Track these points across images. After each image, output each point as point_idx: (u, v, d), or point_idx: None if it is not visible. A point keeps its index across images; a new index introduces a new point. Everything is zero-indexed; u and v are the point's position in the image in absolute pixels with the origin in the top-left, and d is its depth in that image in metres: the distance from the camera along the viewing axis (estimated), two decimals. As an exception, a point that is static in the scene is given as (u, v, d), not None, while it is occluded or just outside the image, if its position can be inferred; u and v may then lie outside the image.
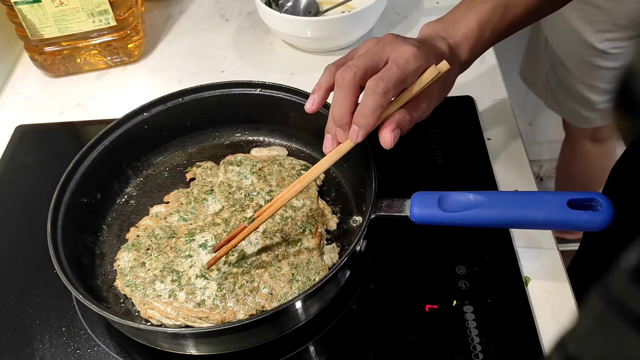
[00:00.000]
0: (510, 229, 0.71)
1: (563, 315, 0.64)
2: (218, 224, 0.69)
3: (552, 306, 0.65)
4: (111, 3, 0.91)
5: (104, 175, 0.74)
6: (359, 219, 0.71)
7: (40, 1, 0.88)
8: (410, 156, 0.78)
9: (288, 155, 0.80)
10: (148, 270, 0.66)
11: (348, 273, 0.64)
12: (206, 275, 0.64)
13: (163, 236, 0.69)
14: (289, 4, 1.02)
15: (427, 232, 0.68)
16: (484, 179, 0.77)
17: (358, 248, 0.62)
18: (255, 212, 0.69)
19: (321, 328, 0.64)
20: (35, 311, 0.68)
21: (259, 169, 0.75)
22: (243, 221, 0.69)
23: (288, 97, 0.77)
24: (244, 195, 0.72)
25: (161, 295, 0.64)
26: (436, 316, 0.64)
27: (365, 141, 0.59)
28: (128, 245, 0.70)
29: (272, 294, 0.63)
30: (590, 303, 0.29)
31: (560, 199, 0.57)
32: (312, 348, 0.64)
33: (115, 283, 0.67)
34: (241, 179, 0.74)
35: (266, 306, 0.62)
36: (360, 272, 0.67)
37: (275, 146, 0.81)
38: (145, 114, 0.77)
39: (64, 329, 0.66)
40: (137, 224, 0.72)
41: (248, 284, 0.63)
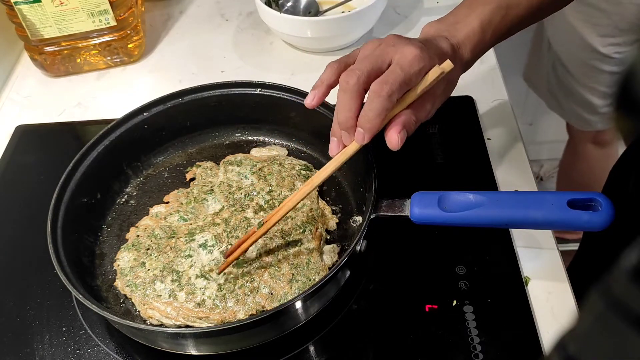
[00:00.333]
0: (510, 229, 0.71)
1: (563, 315, 0.64)
2: (218, 224, 0.69)
3: (552, 306, 0.65)
4: (111, 3, 0.91)
5: (104, 175, 0.74)
6: (359, 219, 0.71)
7: (40, 1, 0.88)
8: (410, 156, 0.78)
9: (288, 155, 0.80)
10: (148, 270, 0.66)
11: (348, 273, 0.64)
12: (206, 275, 0.64)
13: (163, 236, 0.69)
14: (289, 4, 1.02)
15: (427, 232, 0.68)
16: (484, 179, 0.77)
17: (358, 248, 0.62)
18: (255, 212, 0.70)
19: (321, 328, 0.64)
20: (35, 311, 0.68)
21: (259, 169, 0.75)
22: (243, 221, 0.69)
23: (288, 97, 0.77)
24: (244, 195, 0.72)
25: (161, 295, 0.64)
26: (436, 316, 0.64)
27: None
28: (128, 245, 0.70)
29: (272, 294, 0.63)
30: (590, 303, 0.29)
31: (560, 199, 0.57)
32: (312, 348, 0.64)
33: (115, 283, 0.67)
34: (241, 179, 0.74)
35: (266, 306, 0.62)
36: (360, 272, 0.67)
37: (275, 146, 0.81)
38: (145, 114, 0.77)
39: (64, 329, 0.66)
40: (137, 224, 0.72)
41: (248, 284, 0.63)
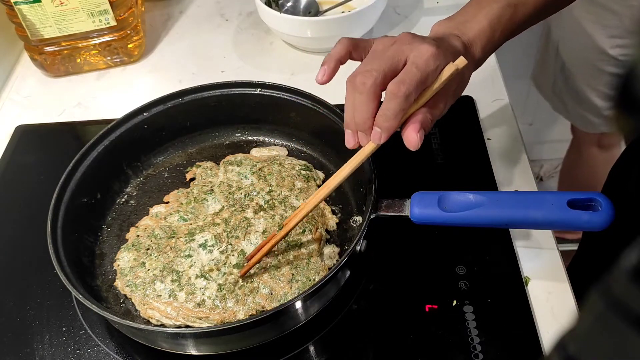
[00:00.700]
0: (510, 229, 0.71)
1: (563, 315, 0.64)
2: (218, 224, 0.69)
3: (552, 306, 0.65)
4: (111, 3, 0.91)
5: (104, 175, 0.74)
6: (359, 219, 0.71)
7: (40, 1, 0.88)
8: (410, 156, 0.78)
9: (288, 155, 0.80)
10: (148, 270, 0.66)
11: (348, 273, 0.64)
12: (206, 275, 0.64)
13: (163, 236, 0.69)
14: (289, 4, 1.02)
15: (427, 232, 0.68)
16: (484, 179, 0.77)
17: (358, 248, 0.62)
18: (255, 212, 0.70)
19: (321, 328, 0.64)
20: (35, 311, 0.68)
21: (259, 169, 0.75)
22: (243, 221, 0.69)
23: (288, 97, 0.77)
24: (244, 195, 0.72)
25: (161, 295, 0.64)
26: (436, 316, 0.64)
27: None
28: (128, 245, 0.70)
29: (272, 294, 0.63)
30: (590, 303, 0.29)
31: (560, 199, 0.57)
32: (312, 348, 0.64)
33: (115, 283, 0.67)
34: (241, 179, 0.74)
35: (266, 306, 0.62)
36: (360, 272, 0.67)
37: (275, 146, 0.81)
38: (145, 114, 0.77)
39: (64, 329, 0.66)
40: (137, 224, 0.72)
41: (248, 284, 0.63)
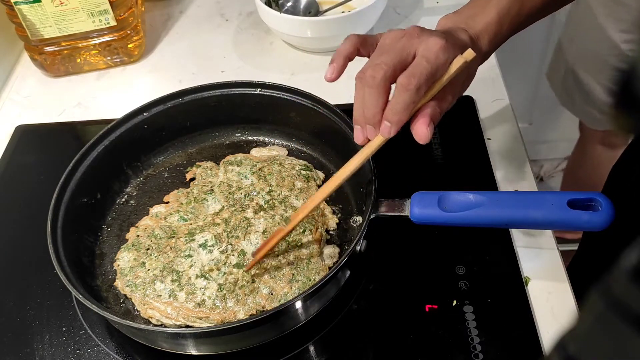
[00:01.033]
0: (510, 229, 0.71)
1: (563, 315, 0.64)
2: (218, 224, 0.69)
3: (552, 306, 0.65)
4: (111, 3, 0.91)
5: (104, 175, 0.74)
6: (359, 219, 0.71)
7: (40, 1, 0.88)
8: (410, 156, 0.78)
9: (288, 155, 0.80)
10: (148, 270, 0.66)
11: (348, 273, 0.64)
12: (206, 275, 0.64)
13: (163, 236, 0.69)
14: (289, 4, 1.02)
15: (427, 232, 0.68)
16: (484, 179, 0.77)
17: (358, 248, 0.62)
18: (255, 212, 0.70)
19: (321, 328, 0.64)
20: (35, 311, 0.68)
21: (259, 169, 0.75)
22: (243, 221, 0.69)
23: (288, 97, 0.77)
24: (244, 195, 0.72)
25: (161, 295, 0.64)
26: (436, 316, 0.64)
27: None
28: (128, 245, 0.70)
29: (272, 294, 0.63)
30: (590, 303, 0.29)
31: (560, 199, 0.57)
32: (312, 348, 0.64)
33: (115, 283, 0.67)
34: (241, 179, 0.74)
35: (266, 306, 0.62)
36: (360, 272, 0.67)
37: (275, 146, 0.81)
38: (145, 114, 0.77)
39: (64, 329, 0.66)
40: (137, 224, 0.72)
41: (248, 284, 0.63)
